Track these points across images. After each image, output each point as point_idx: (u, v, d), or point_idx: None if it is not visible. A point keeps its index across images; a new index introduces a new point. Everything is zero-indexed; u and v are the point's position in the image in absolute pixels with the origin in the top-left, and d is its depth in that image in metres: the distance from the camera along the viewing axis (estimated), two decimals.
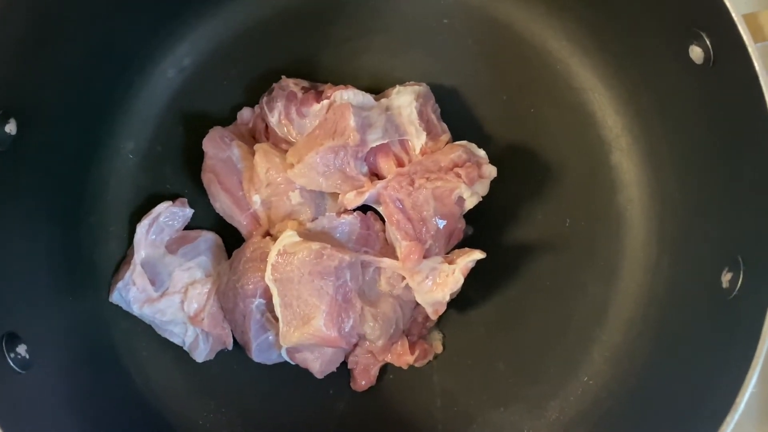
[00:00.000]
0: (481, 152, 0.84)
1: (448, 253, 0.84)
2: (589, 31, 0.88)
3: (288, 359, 0.85)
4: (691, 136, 0.80)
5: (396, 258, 0.83)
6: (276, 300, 0.81)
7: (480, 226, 0.88)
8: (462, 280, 0.80)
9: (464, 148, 0.83)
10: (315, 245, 0.80)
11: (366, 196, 0.81)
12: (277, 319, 0.81)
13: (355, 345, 0.85)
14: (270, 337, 0.85)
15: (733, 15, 0.68)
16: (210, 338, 0.86)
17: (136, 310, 0.84)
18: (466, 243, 0.88)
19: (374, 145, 0.82)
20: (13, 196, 0.75)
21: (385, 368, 0.89)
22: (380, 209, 0.83)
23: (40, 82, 0.76)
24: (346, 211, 0.85)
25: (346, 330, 0.80)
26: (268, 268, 0.81)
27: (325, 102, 0.83)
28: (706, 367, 0.72)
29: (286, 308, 0.81)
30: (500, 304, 0.89)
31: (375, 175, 0.84)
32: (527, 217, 0.90)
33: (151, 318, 0.85)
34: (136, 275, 0.83)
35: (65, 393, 0.76)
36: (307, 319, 0.80)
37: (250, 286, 0.83)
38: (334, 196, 0.85)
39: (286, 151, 0.85)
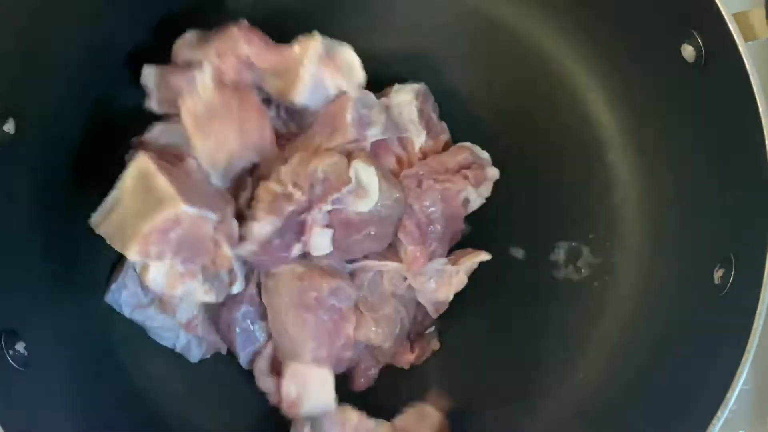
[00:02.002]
0: (485, 154, 0.84)
1: (450, 254, 0.84)
2: (583, 30, 0.88)
3: None
4: (685, 135, 0.81)
5: (398, 254, 0.83)
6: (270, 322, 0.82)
7: (476, 225, 0.89)
8: (466, 281, 0.81)
9: (470, 150, 0.83)
10: (298, 268, 0.80)
11: None
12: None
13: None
14: (259, 349, 0.85)
15: (724, 14, 0.69)
16: (204, 343, 0.87)
17: (127, 313, 0.84)
18: (463, 241, 0.88)
19: (374, 140, 0.82)
20: (12, 195, 0.76)
21: (382, 366, 0.89)
22: None
23: (38, 81, 0.76)
24: None
25: (338, 349, 0.81)
26: (263, 289, 0.82)
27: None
28: (699, 363, 0.73)
29: (277, 335, 0.82)
30: (496, 302, 0.90)
31: None
32: (522, 216, 0.91)
33: (142, 322, 0.85)
34: (129, 279, 0.83)
35: (64, 390, 0.77)
36: (295, 354, 0.81)
37: (236, 294, 0.83)
38: None
39: (284, 146, 0.85)
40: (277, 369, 0.83)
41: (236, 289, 0.81)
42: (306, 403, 0.81)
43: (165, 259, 0.73)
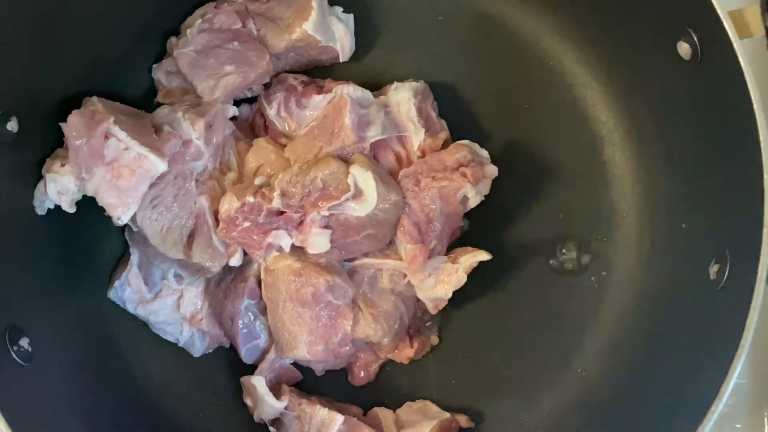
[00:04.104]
0: (484, 152, 0.85)
1: (450, 251, 0.85)
2: (581, 28, 0.89)
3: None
4: (681, 131, 0.81)
5: (398, 251, 0.84)
6: (268, 317, 0.84)
7: (475, 220, 0.89)
8: (465, 279, 0.81)
9: (468, 148, 0.83)
10: (295, 264, 0.81)
11: None
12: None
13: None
14: (260, 344, 0.86)
15: (720, 12, 0.69)
16: (207, 337, 0.88)
17: (131, 309, 0.86)
18: (462, 237, 0.89)
19: (373, 141, 0.83)
20: (15, 193, 0.76)
21: (383, 361, 0.90)
22: None
23: (40, 81, 0.77)
24: None
25: (335, 345, 0.82)
26: (263, 285, 0.83)
27: (328, 95, 0.84)
28: (695, 357, 0.74)
29: (275, 330, 0.84)
30: (495, 297, 0.90)
31: None
32: (522, 212, 0.91)
33: (145, 317, 0.86)
34: (132, 276, 0.84)
35: (67, 385, 0.77)
36: (292, 347, 0.82)
37: (237, 287, 0.84)
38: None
39: (285, 145, 0.86)
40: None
41: (235, 261, 0.83)
42: (261, 409, 0.84)
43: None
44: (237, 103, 0.89)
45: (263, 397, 0.82)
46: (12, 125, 0.74)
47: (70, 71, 0.80)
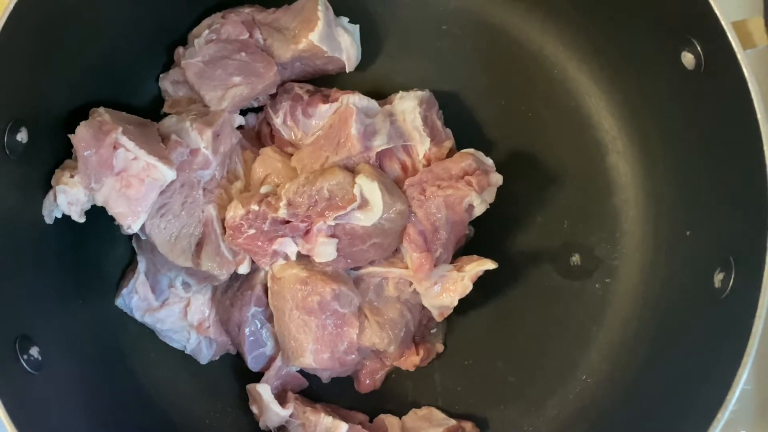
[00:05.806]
0: (489, 161, 0.85)
1: (456, 259, 0.85)
2: (584, 36, 0.89)
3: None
4: (684, 140, 0.82)
5: (404, 259, 0.84)
6: (275, 325, 0.84)
7: (479, 227, 0.90)
8: (471, 287, 0.82)
9: (473, 156, 0.84)
10: (301, 273, 0.82)
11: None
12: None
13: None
14: (266, 352, 0.87)
15: (723, 22, 0.70)
16: (214, 344, 0.88)
17: (138, 317, 0.86)
18: (467, 245, 0.89)
19: (379, 150, 0.83)
20: (25, 202, 0.77)
21: (389, 369, 0.90)
22: None
23: (49, 93, 0.78)
24: None
25: (341, 353, 0.83)
26: (269, 293, 0.84)
27: (334, 104, 0.85)
28: (700, 365, 0.74)
29: (281, 338, 0.84)
30: (500, 304, 0.91)
31: None
32: (526, 219, 0.92)
33: (152, 325, 0.87)
34: (139, 284, 0.85)
35: (76, 393, 0.78)
36: (298, 355, 0.83)
37: (244, 294, 0.85)
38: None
39: (292, 154, 0.86)
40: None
41: (243, 269, 0.83)
42: (266, 416, 0.84)
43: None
44: (243, 112, 0.89)
45: (268, 405, 0.83)
46: (22, 136, 0.75)
47: (78, 81, 0.81)
